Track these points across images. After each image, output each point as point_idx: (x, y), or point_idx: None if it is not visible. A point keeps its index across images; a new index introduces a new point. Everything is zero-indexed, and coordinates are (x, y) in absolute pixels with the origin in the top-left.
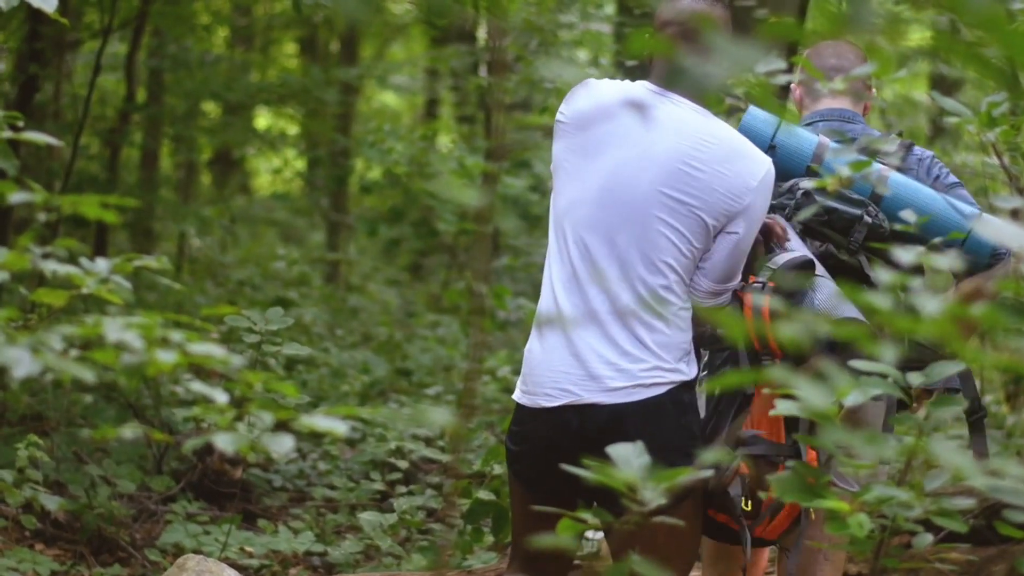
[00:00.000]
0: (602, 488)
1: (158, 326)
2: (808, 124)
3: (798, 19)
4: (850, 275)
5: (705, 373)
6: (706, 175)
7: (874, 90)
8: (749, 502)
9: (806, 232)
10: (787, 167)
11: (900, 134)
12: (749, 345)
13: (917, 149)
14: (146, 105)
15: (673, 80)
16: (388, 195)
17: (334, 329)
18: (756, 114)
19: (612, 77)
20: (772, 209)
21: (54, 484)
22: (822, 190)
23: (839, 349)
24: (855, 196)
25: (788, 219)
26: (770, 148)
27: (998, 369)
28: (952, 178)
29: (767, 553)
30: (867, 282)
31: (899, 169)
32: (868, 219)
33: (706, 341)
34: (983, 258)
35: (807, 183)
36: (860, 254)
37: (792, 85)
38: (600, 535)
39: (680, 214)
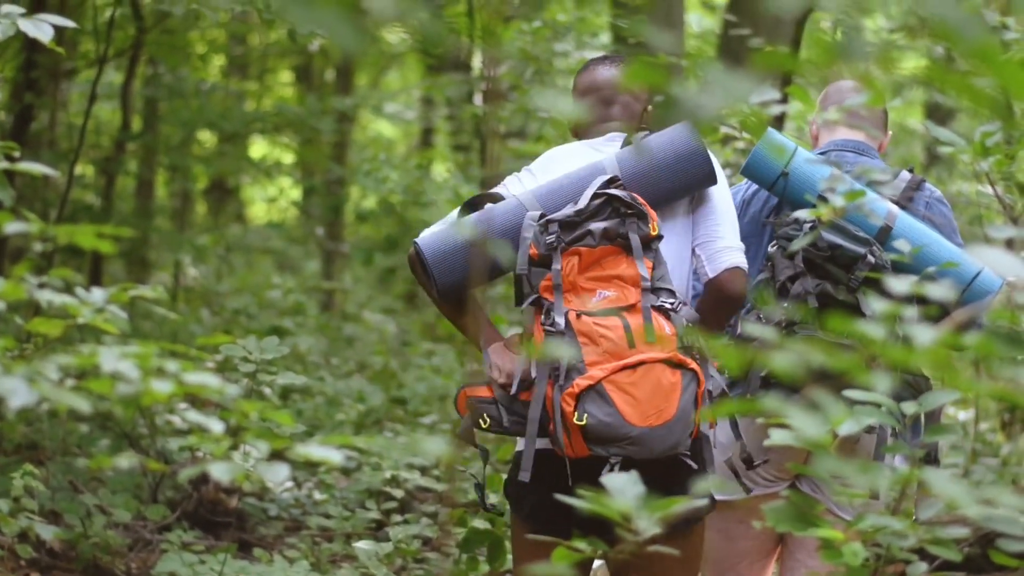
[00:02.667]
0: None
1: (154, 356)
2: (821, 153)
3: (792, 49)
4: (847, 314)
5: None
6: None
7: (891, 132)
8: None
9: (807, 266)
10: (798, 195)
11: (911, 170)
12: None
13: (927, 187)
14: (141, 134)
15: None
16: (383, 224)
17: (329, 358)
18: (770, 141)
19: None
20: (777, 240)
21: (50, 513)
22: (829, 225)
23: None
24: (861, 234)
25: (793, 252)
26: (782, 175)
27: (993, 398)
28: (950, 225)
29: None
30: (863, 319)
31: (905, 207)
32: (871, 259)
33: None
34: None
35: (804, 214)
36: (859, 292)
37: (810, 120)
38: (599, 563)
39: None
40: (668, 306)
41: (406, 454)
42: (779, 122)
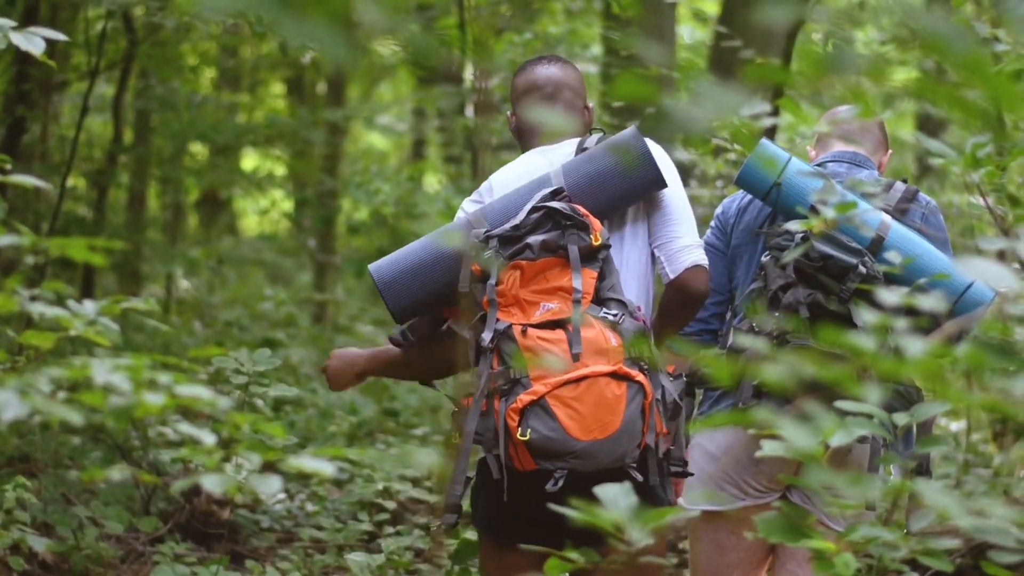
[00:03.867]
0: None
1: (146, 368)
2: (819, 165)
3: (783, 61)
4: (838, 324)
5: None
6: None
7: (890, 152)
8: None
9: (799, 277)
10: (791, 206)
11: (905, 181)
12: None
13: (922, 197)
14: (133, 146)
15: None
16: (375, 236)
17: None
18: (763, 152)
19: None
20: (770, 250)
21: (42, 525)
22: (821, 236)
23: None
24: (853, 245)
25: (784, 263)
26: (775, 186)
27: (984, 409)
28: (942, 236)
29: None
30: (854, 329)
31: (899, 219)
32: (863, 269)
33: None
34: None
35: (794, 225)
36: (851, 303)
37: (808, 148)
38: None
39: None
40: (611, 318)
41: (398, 466)
42: (770, 134)
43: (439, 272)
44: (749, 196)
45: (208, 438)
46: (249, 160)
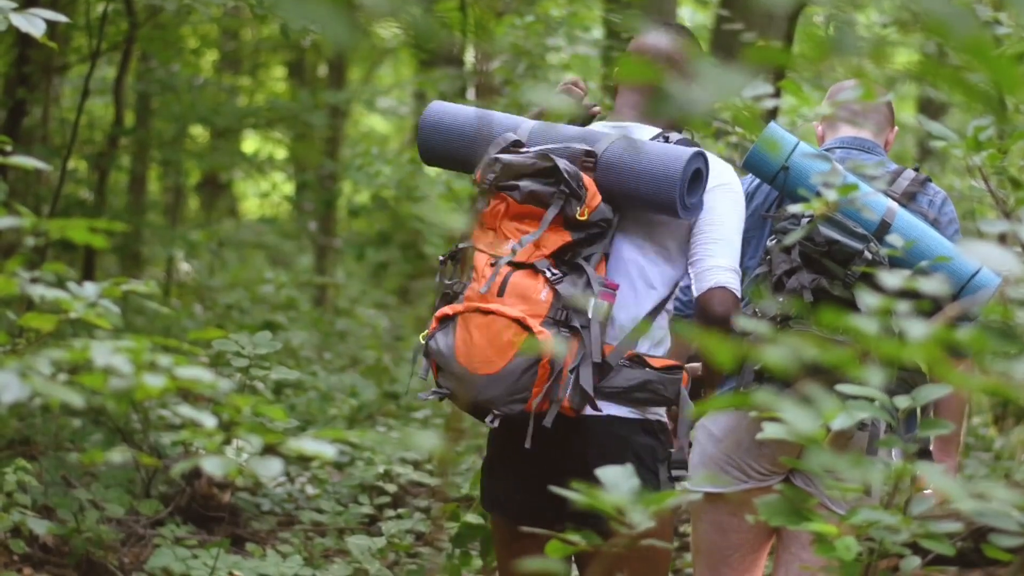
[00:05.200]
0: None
1: (146, 350)
2: (827, 150)
3: (785, 44)
4: (842, 308)
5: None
6: None
7: (896, 128)
8: None
9: (804, 261)
10: (797, 190)
11: (917, 168)
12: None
13: (931, 188)
14: (134, 129)
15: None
16: (376, 219)
17: (322, 353)
18: (771, 135)
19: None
20: (775, 234)
21: (42, 508)
22: (827, 220)
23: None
24: (860, 230)
25: (790, 246)
26: (783, 170)
27: (985, 392)
28: (954, 226)
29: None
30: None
31: (906, 205)
32: (868, 255)
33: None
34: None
35: (797, 208)
36: (855, 287)
37: (815, 123)
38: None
39: None
40: (548, 274)
41: (399, 449)
42: (772, 117)
43: (467, 148)
44: (757, 180)
45: (209, 421)
46: (250, 143)
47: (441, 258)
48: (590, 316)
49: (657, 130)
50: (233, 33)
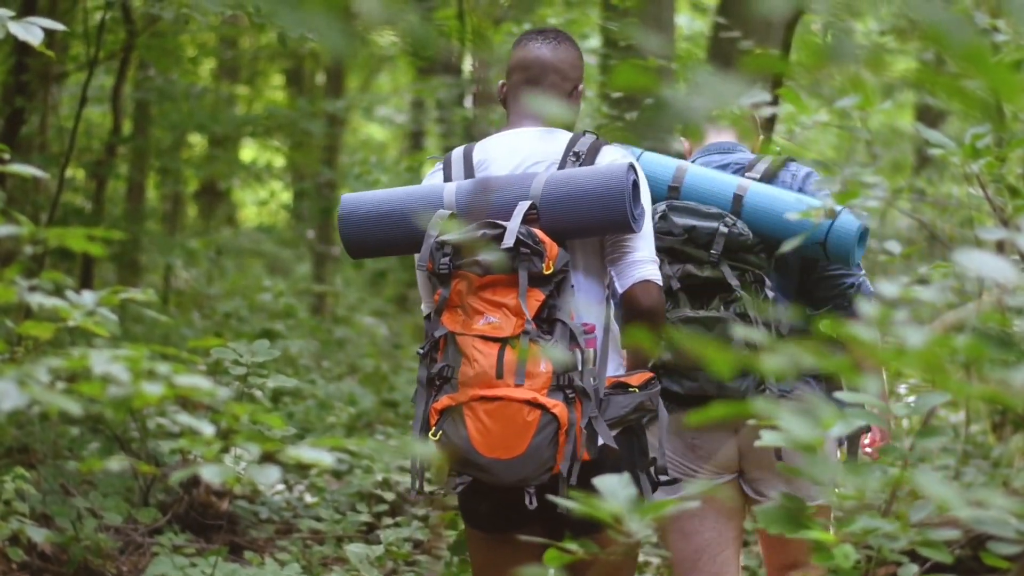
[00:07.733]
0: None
1: (144, 358)
2: (695, 159)
3: (783, 51)
4: (714, 289)
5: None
6: None
7: (762, 137)
8: None
9: (670, 254)
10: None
11: (779, 152)
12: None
13: (793, 165)
14: (132, 137)
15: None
16: None
17: (320, 361)
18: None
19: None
20: None
21: (41, 516)
22: (677, 209)
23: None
24: (711, 210)
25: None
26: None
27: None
28: (819, 192)
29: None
30: (731, 291)
31: (769, 181)
32: (724, 229)
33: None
34: (848, 249)
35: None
36: (722, 265)
37: (681, 139)
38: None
39: None
40: (542, 341)
41: (397, 457)
42: (770, 124)
43: (401, 231)
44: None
45: (207, 429)
46: (248, 151)
47: (419, 351)
48: (583, 370)
49: (566, 134)
50: (231, 41)
